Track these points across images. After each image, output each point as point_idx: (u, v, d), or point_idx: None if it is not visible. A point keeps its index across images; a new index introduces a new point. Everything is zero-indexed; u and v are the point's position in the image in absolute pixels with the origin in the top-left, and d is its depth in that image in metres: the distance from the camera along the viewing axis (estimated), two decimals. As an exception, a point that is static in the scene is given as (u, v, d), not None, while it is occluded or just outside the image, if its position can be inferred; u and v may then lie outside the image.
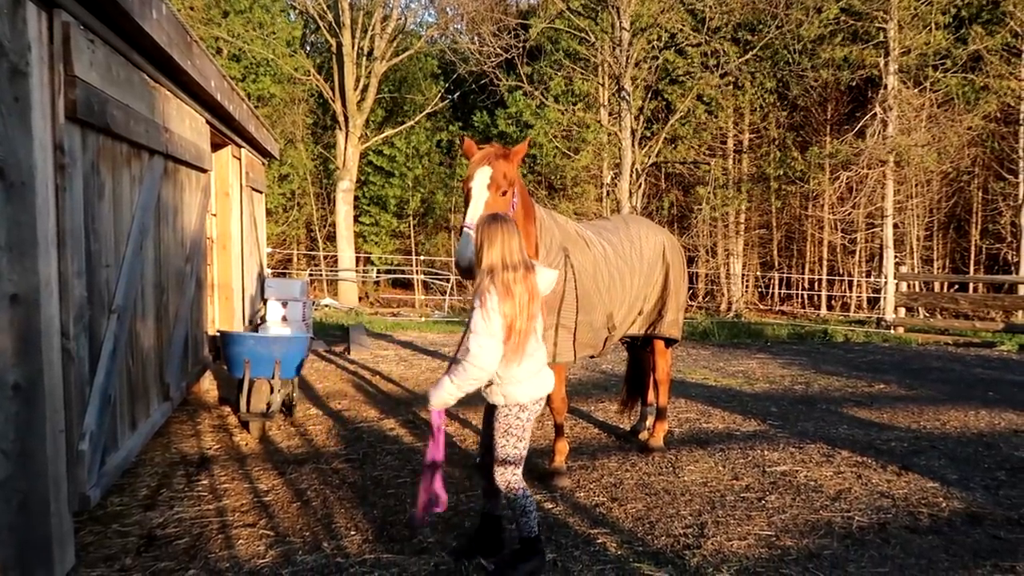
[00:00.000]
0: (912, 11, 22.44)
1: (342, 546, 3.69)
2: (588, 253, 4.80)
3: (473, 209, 3.77)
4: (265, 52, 25.09)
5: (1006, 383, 9.27)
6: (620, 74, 19.47)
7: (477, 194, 3.82)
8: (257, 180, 9.30)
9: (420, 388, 7.99)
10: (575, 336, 4.64)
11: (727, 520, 4.17)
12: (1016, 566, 3.62)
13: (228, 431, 5.87)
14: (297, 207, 31.34)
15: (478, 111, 30.72)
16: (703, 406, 7.29)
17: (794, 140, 27.89)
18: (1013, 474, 5.21)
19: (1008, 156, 25.34)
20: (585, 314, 4.67)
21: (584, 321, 4.68)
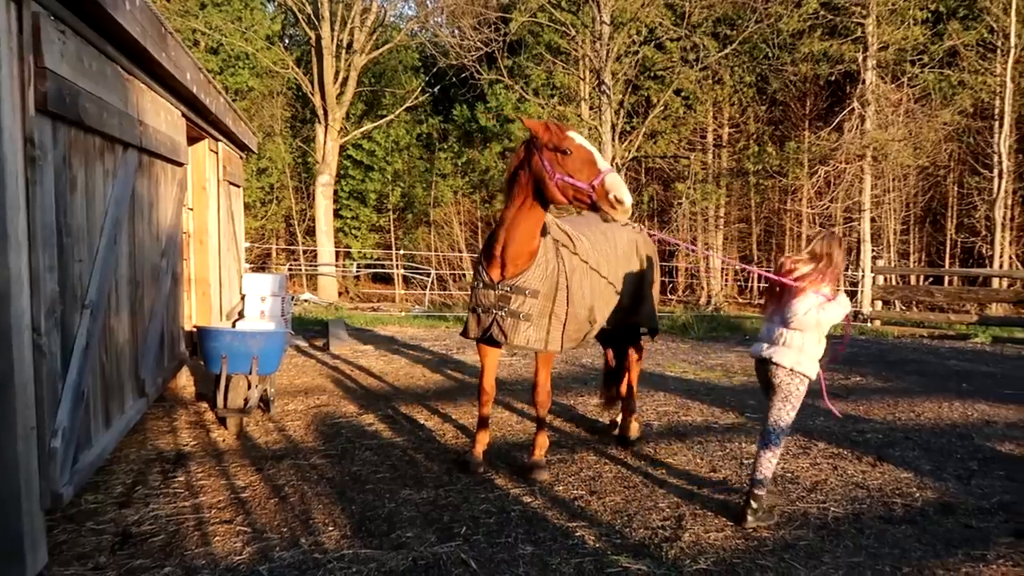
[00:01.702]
0: (890, 6, 22.64)
1: (320, 542, 3.68)
2: (572, 247, 4.83)
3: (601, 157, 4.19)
4: (243, 45, 24.85)
5: (979, 375, 9.40)
6: (600, 68, 19.50)
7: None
8: (235, 174, 9.21)
9: (404, 382, 7.97)
10: (564, 327, 4.67)
11: (704, 512, 4.20)
12: (987, 554, 3.68)
13: (205, 427, 5.83)
14: (276, 201, 31.12)
15: (458, 105, 30.60)
16: (682, 399, 7.34)
17: (772, 134, 28.08)
18: (985, 464, 5.29)
19: (983, 151, 25.67)
20: (573, 306, 4.71)
21: (572, 313, 4.72)
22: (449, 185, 31.92)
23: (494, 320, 4.56)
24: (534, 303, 4.53)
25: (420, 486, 4.53)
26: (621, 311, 5.41)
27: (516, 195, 4.38)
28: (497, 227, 4.53)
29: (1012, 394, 8.04)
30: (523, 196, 4.35)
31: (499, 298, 4.54)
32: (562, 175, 4.14)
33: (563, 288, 4.64)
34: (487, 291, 4.60)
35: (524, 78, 25.84)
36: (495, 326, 4.57)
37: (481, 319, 4.66)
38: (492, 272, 4.57)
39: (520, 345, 4.57)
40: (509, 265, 4.52)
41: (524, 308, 4.53)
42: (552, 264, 4.60)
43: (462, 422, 6.21)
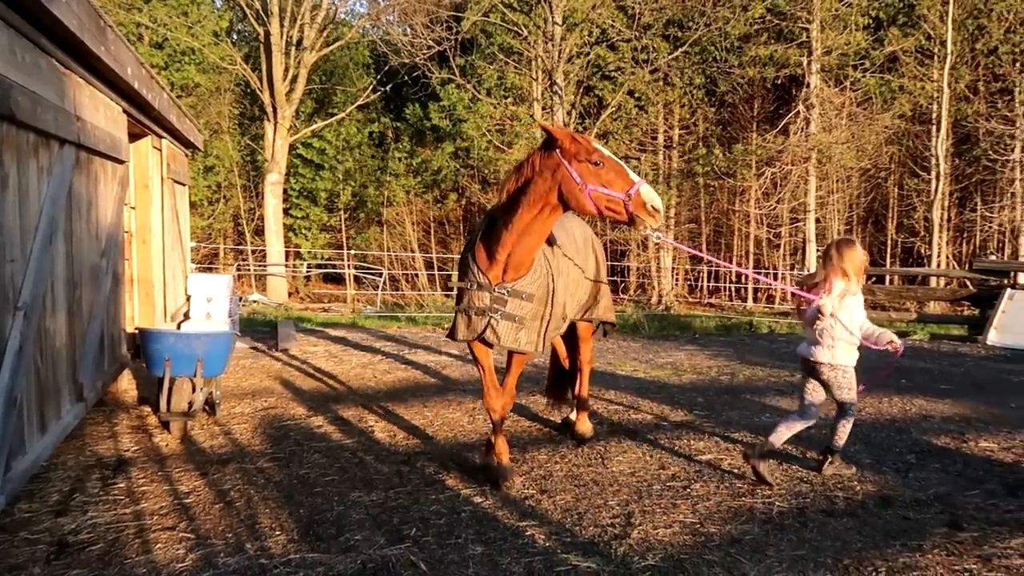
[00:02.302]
0: (833, 12, 23.23)
1: (266, 547, 3.61)
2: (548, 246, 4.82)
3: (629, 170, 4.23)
4: (189, 40, 24.30)
5: (918, 371, 9.70)
6: (553, 69, 19.59)
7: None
8: (180, 172, 9.00)
9: (355, 383, 7.89)
10: (548, 328, 4.68)
11: (653, 509, 4.25)
12: (923, 544, 3.80)
13: (147, 432, 5.68)
14: (223, 200, 30.53)
15: (411, 104, 30.42)
16: (632, 397, 7.41)
17: (721, 136, 28.55)
18: (922, 457, 5.46)
19: (921, 154, 26.51)
20: (555, 306, 4.73)
21: (554, 313, 4.73)
22: (401, 184, 31.71)
23: (488, 323, 4.49)
24: (529, 306, 4.52)
25: (370, 488, 4.49)
26: (583, 306, 5.44)
27: (532, 203, 4.25)
28: (502, 231, 4.37)
29: (947, 389, 8.32)
30: (541, 204, 4.26)
31: (495, 300, 4.47)
32: (595, 186, 4.11)
33: (551, 290, 4.66)
34: (481, 293, 4.49)
35: (477, 78, 25.82)
36: (489, 329, 4.49)
37: (473, 321, 4.54)
38: (491, 274, 4.47)
39: (512, 348, 4.54)
40: (511, 270, 4.45)
41: (520, 311, 4.50)
42: (544, 267, 4.61)
43: (413, 423, 6.18)
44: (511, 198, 4.36)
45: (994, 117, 25.51)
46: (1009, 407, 7.37)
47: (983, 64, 26.12)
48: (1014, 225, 25.35)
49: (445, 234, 34.45)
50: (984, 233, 27.83)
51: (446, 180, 31.42)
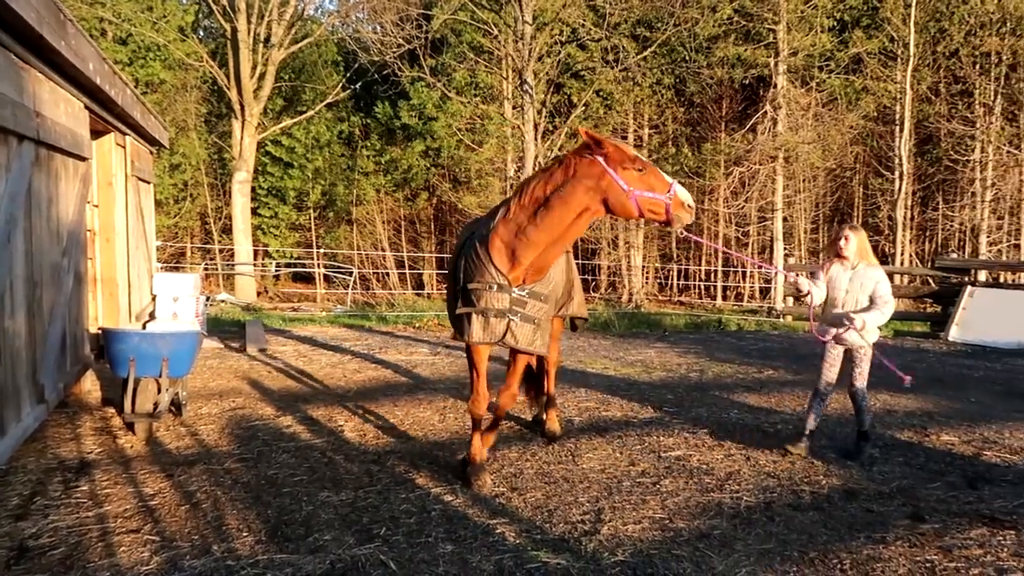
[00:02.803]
0: (799, 14, 23.53)
1: (233, 548, 3.57)
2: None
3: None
4: (154, 36, 23.91)
5: (882, 366, 9.86)
6: (523, 67, 19.59)
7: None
8: (144, 169, 8.86)
9: (325, 383, 7.82)
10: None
11: (623, 505, 4.27)
12: (886, 536, 3.87)
13: (111, 433, 5.58)
14: (190, 198, 30.11)
15: (380, 102, 30.25)
16: (602, 395, 7.44)
17: (690, 136, 28.80)
18: (885, 451, 5.56)
19: (885, 154, 26.99)
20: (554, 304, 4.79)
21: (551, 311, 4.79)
22: (371, 183, 31.52)
23: (508, 325, 4.42)
24: (545, 308, 4.53)
25: (339, 488, 4.46)
26: (559, 303, 5.44)
27: (572, 208, 4.25)
28: (532, 233, 4.31)
29: (910, 385, 8.47)
30: (581, 210, 4.26)
31: (515, 302, 4.41)
32: (641, 190, 4.17)
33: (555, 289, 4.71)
34: (501, 295, 4.40)
35: (447, 76, 25.74)
36: (509, 332, 4.43)
37: (491, 323, 4.43)
38: (511, 275, 4.39)
39: (529, 350, 4.53)
40: (534, 272, 4.44)
41: (538, 313, 4.49)
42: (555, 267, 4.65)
43: (384, 422, 6.14)
44: (542, 202, 4.30)
45: (955, 118, 26.05)
46: (969, 401, 7.54)
47: (944, 66, 26.65)
48: (974, 224, 25.91)
49: (416, 233, 34.32)
50: (946, 232, 28.41)
51: (417, 179, 31.29)
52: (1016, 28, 24.74)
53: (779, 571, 3.45)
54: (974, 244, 26.01)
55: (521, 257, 4.37)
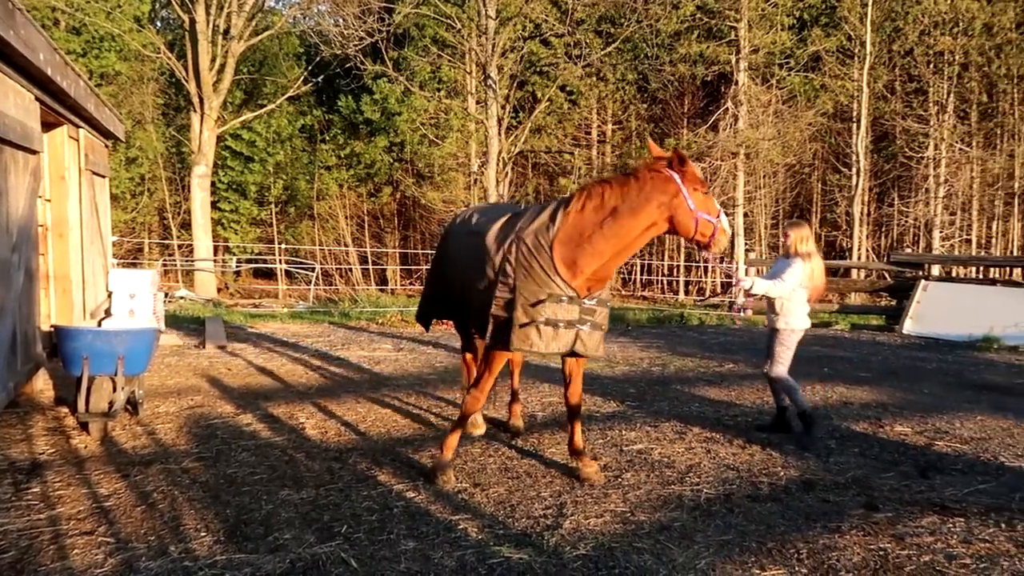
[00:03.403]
0: (760, 12, 23.83)
1: (191, 549, 3.51)
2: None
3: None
4: (108, 26, 23.34)
5: (839, 359, 10.08)
6: (486, 62, 19.55)
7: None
8: (99, 163, 8.65)
9: (286, 380, 7.74)
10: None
11: (585, 499, 4.30)
12: (841, 526, 3.95)
13: (65, 433, 5.45)
14: (147, 193, 29.51)
15: (343, 96, 29.95)
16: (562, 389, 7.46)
17: (653, 132, 29.01)
18: (842, 442, 5.67)
19: (843, 151, 27.50)
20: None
21: None
22: (334, 178, 31.22)
23: (577, 334, 4.38)
24: (606, 313, 4.57)
25: (300, 486, 4.41)
26: None
27: (642, 222, 4.27)
28: (599, 245, 4.28)
29: (866, 377, 8.67)
30: (650, 224, 4.30)
31: (584, 312, 4.38)
32: (702, 212, 4.28)
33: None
34: (572, 306, 4.33)
35: (410, 71, 25.57)
36: (579, 341, 4.40)
37: (560, 334, 4.34)
38: (575, 284, 4.33)
39: (595, 355, 4.58)
40: (598, 282, 4.45)
41: (605, 320, 4.55)
42: None
43: (346, 419, 6.10)
44: (610, 212, 4.28)
45: (909, 116, 26.65)
46: (922, 393, 7.73)
47: (900, 65, 27.24)
48: (928, 219, 26.54)
49: (379, 228, 34.09)
50: (901, 227, 29.07)
51: (380, 174, 31.07)
52: (968, 28, 25.37)
53: (738, 562, 3.50)
54: (928, 239, 26.66)
55: (584, 267, 4.33)
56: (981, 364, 9.99)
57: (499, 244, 4.51)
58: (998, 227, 28.91)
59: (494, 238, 4.57)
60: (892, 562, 3.52)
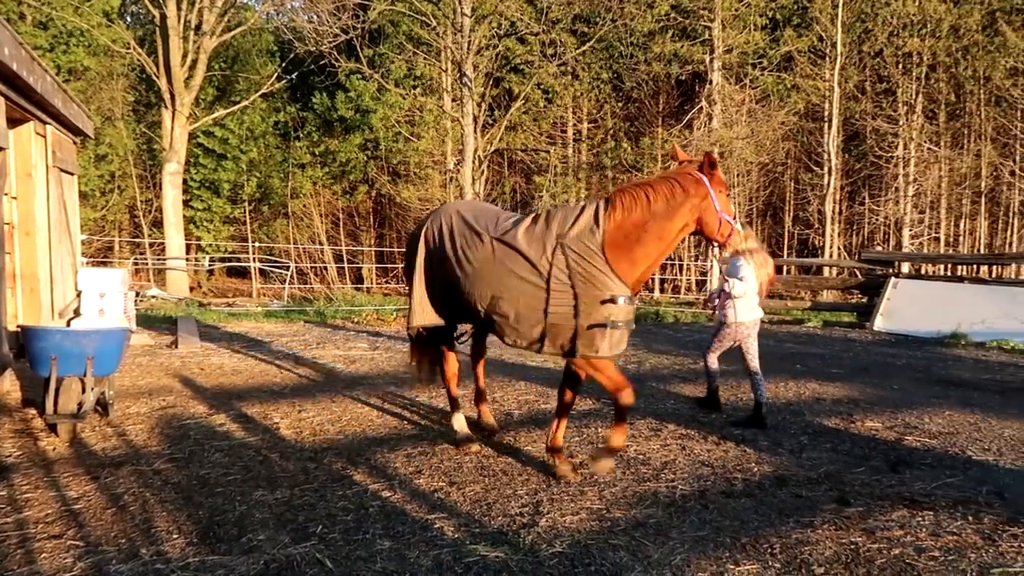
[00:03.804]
0: (733, 12, 24.03)
1: (162, 551, 3.47)
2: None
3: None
4: (76, 20, 22.94)
5: (811, 356, 10.20)
6: (462, 60, 19.51)
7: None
8: (67, 160, 8.51)
9: (260, 380, 7.66)
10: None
11: (561, 497, 4.31)
12: (814, 520, 3.99)
13: (32, 435, 5.35)
14: (118, 190, 29.06)
15: (318, 92, 29.73)
16: (542, 388, 7.49)
17: (628, 130, 29.15)
18: (814, 438, 5.74)
19: (815, 150, 27.83)
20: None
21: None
22: (308, 176, 30.98)
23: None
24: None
25: (274, 486, 4.37)
26: None
27: (675, 223, 4.41)
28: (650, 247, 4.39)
29: (838, 373, 8.79)
30: (683, 224, 4.44)
31: (630, 312, 4.51)
32: (724, 213, 4.47)
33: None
34: (629, 307, 4.43)
35: (385, 68, 25.44)
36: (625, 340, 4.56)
37: (621, 335, 4.45)
38: (632, 287, 4.46)
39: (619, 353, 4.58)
40: (637, 284, 4.54)
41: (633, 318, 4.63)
42: None
43: (321, 419, 6.05)
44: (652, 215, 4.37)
45: (879, 116, 27.03)
46: (892, 389, 7.85)
47: (870, 65, 27.62)
48: (897, 218, 26.95)
49: (355, 226, 33.90)
50: (871, 225, 29.49)
51: (355, 171, 30.89)
52: (935, 30, 25.79)
53: (712, 557, 3.53)
54: (898, 237, 27.07)
55: (636, 269, 4.42)
56: (949, 360, 10.17)
57: (540, 251, 4.45)
58: (965, 225, 29.45)
59: (529, 245, 4.50)
60: (863, 556, 3.56)
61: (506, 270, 4.54)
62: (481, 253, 4.70)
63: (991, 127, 27.68)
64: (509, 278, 4.53)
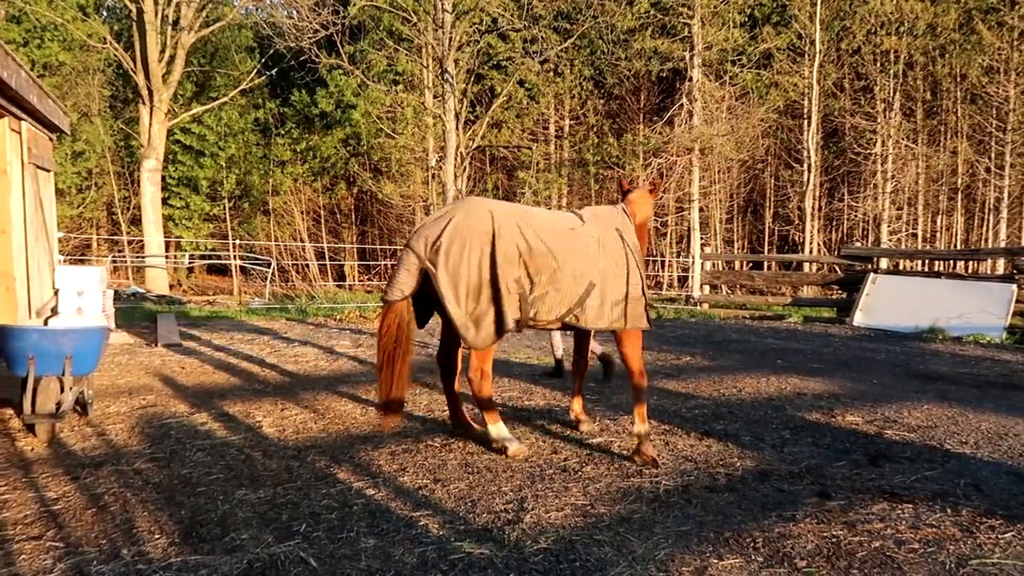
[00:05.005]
0: (712, 9, 24.13)
1: (144, 551, 3.43)
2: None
3: None
4: (51, 15, 22.61)
5: (792, 351, 10.29)
6: (443, 56, 19.44)
7: None
8: (43, 157, 8.38)
9: (242, 378, 7.60)
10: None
11: (546, 493, 4.31)
12: (796, 515, 4.03)
13: (10, 436, 5.28)
14: (95, 187, 28.74)
15: (297, 89, 29.54)
16: (526, 384, 7.50)
17: (610, 127, 29.22)
18: (796, 432, 5.79)
19: (795, 147, 28.04)
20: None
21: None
22: (288, 172, 30.77)
23: None
24: None
25: (257, 485, 4.34)
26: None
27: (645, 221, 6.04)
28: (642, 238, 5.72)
29: (818, 368, 8.87)
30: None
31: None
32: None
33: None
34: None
35: (366, 64, 25.31)
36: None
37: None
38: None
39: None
40: None
41: None
42: None
43: (304, 417, 6.02)
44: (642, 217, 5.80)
45: (857, 113, 27.28)
46: (872, 383, 7.93)
47: (848, 63, 27.87)
48: (876, 214, 27.23)
49: (336, 223, 33.73)
50: (851, 221, 29.78)
51: (336, 168, 30.72)
52: (912, 28, 26.06)
53: (696, 552, 3.55)
54: (876, 233, 27.36)
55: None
56: (927, 354, 10.29)
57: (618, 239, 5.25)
58: (942, 221, 29.81)
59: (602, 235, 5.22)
60: (844, 548, 3.60)
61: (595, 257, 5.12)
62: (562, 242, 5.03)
63: (967, 124, 28.03)
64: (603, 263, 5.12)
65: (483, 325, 4.76)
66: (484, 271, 4.71)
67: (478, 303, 4.73)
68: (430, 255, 4.73)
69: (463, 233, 4.73)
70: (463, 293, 4.70)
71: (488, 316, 4.76)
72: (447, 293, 4.68)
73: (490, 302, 4.74)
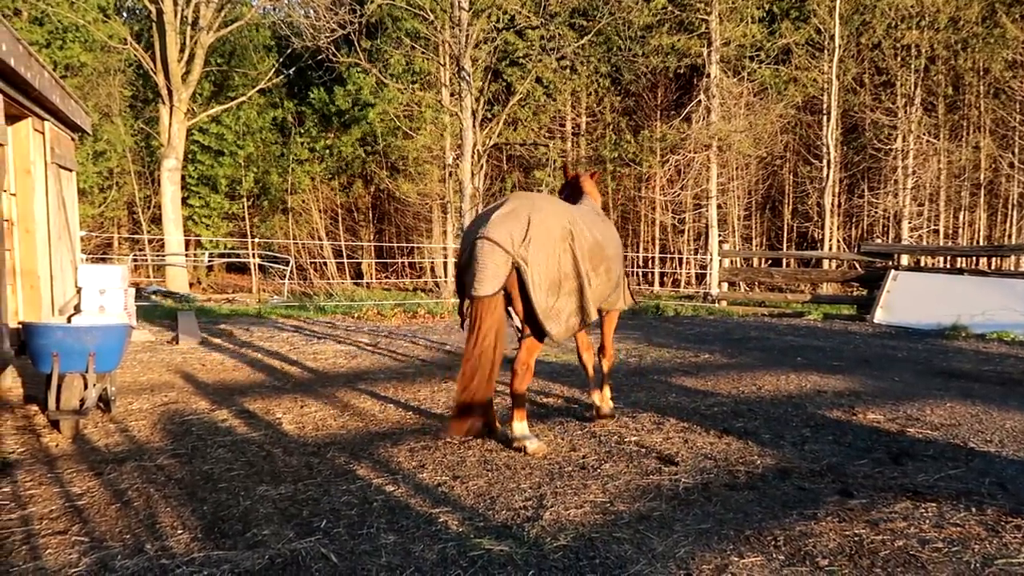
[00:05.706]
0: (731, 4, 23.97)
1: (167, 546, 3.47)
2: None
3: None
4: (72, 16, 22.85)
5: (812, 348, 10.21)
6: (460, 54, 19.45)
7: None
8: (65, 157, 8.49)
9: (262, 375, 7.66)
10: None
11: (565, 490, 4.31)
12: (817, 513, 4.00)
13: (35, 432, 5.35)
14: (116, 187, 29.03)
15: (315, 88, 29.67)
16: (543, 381, 7.49)
17: (627, 124, 29.12)
18: (816, 430, 5.74)
19: (814, 143, 27.80)
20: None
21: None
22: (306, 171, 30.93)
23: None
24: None
25: (278, 481, 4.37)
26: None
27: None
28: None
29: (839, 365, 8.79)
30: None
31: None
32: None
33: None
34: None
35: (383, 62, 25.38)
36: None
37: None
38: None
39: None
40: None
41: None
42: None
43: (323, 413, 6.05)
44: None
45: (878, 108, 27.00)
46: (893, 380, 7.85)
47: (868, 58, 27.59)
48: (896, 210, 26.95)
49: (354, 222, 33.87)
50: (871, 218, 29.49)
51: (353, 167, 30.85)
52: (934, 22, 25.75)
53: (716, 549, 3.53)
54: (897, 230, 27.07)
55: None
56: (950, 352, 10.18)
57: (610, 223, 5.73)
58: (964, 218, 29.46)
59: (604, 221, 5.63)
60: (867, 547, 3.57)
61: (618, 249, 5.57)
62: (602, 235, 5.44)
63: (990, 119, 27.67)
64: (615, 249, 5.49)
65: (564, 318, 4.99)
66: (566, 265, 4.94)
67: (558, 296, 4.94)
68: (520, 251, 4.81)
69: (550, 229, 4.90)
70: (548, 287, 4.89)
71: (568, 308, 5.00)
72: (538, 287, 4.84)
73: (572, 295, 5.00)
